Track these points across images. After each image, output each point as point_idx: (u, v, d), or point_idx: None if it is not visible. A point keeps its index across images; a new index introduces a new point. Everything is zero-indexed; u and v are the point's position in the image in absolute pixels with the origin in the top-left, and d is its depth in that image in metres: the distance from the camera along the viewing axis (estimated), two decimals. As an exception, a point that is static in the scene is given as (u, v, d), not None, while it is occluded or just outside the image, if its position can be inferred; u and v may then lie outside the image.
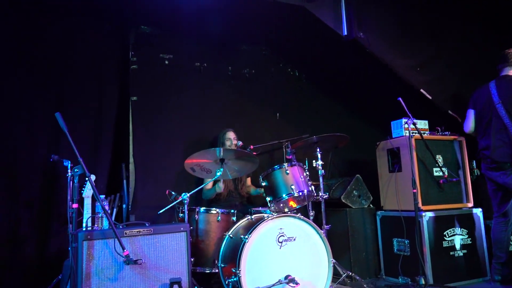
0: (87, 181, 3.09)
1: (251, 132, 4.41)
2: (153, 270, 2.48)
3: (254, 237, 2.72)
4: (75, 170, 2.19)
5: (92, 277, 2.28)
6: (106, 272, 2.33)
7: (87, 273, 2.27)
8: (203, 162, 3.12)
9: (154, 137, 3.98)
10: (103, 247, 2.35)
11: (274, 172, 3.06)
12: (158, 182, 3.92)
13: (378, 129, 4.56)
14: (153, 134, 3.98)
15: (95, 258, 2.31)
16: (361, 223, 3.97)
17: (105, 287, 2.31)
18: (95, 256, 2.31)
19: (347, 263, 3.86)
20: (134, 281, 2.40)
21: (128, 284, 2.38)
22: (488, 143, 3.44)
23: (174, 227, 2.65)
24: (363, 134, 4.77)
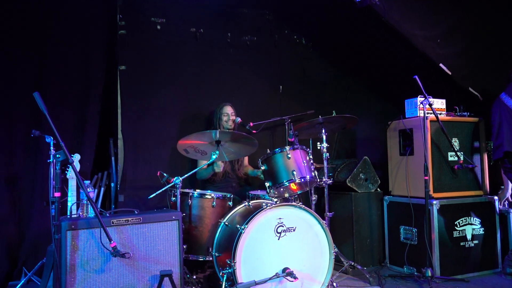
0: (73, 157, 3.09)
1: (251, 107, 4.35)
2: (142, 261, 2.51)
3: (251, 227, 2.73)
4: (57, 156, 2.16)
5: (77, 269, 2.30)
6: (91, 264, 2.35)
7: (72, 265, 2.29)
8: (197, 143, 3.09)
9: (144, 111, 3.92)
10: (89, 237, 2.36)
11: (274, 156, 3.03)
12: (149, 160, 3.91)
13: (390, 107, 4.50)
14: (144, 107, 3.92)
15: (80, 249, 2.33)
16: (367, 209, 3.99)
17: (91, 279, 2.33)
18: (80, 246, 2.33)
19: (350, 250, 3.91)
20: (122, 273, 2.43)
21: (116, 276, 2.41)
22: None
23: (165, 216, 2.65)
24: (373, 112, 4.72)
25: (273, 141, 4.45)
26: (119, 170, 3.86)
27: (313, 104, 4.57)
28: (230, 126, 3.90)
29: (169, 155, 3.98)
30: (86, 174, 3.74)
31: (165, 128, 4.00)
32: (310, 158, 3.14)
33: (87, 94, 3.78)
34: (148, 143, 3.93)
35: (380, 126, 4.23)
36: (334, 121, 3.49)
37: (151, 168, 3.87)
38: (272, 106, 4.45)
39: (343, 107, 4.80)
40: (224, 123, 3.90)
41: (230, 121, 3.88)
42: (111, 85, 3.92)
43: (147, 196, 3.20)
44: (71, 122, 3.74)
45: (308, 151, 3.15)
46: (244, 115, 4.05)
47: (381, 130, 4.16)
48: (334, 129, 3.70)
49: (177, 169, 3.96)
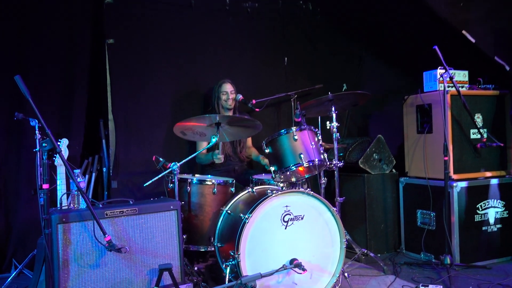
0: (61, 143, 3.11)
1: (253, 82, 4.34)
2: (139, 254, 2.56)
3: (256, 216, 2.76)
4: (44, 144, 2.18)
5: (70, 265, 2.36)
6: (86, 259, 2.40)
7: (64, 260, 2.35)
8: (196, 125, 3.10)
9: (136, 89, 3.92)
10: (81, 230, 2.41)
11: (280, 137, 3.03)
12: (143, 143, 3.94)
13: (406, 80, 4.47)
14: (135, 85, 3.92)
15: (73, 243, 2.37)
16: (381, 191, 4.03)
17: (85, 275, 2.40)
18: (73, 241, 2.38)
19: (363, 236, 3.98)
20: (118, 268, 2.49)
21: (112, 270, 2.47)
22: None
23: (162, 205, 2.69)
24: (388, 85, 4.69)
25: (278, 119, 4.45)
26: (111, 153, 3.90)
27: (321, 77, 4.55)
28: (230, 105, 3.90)
29: (165, 137, 4.00)
30: (75, 159, 3.77)
31: (159, 107, 4.01)
32: (318, 139, 3.14)
33: (73, 73, 3.77)
34: (141, 124, 3.94)
35: (395, 101, 4.22)
36: (344, 98, 3.48)
37: (146, 151, 3.90)
38: (276, 81, 4.43)
39: (355, 80, 4.79)
40: (224, 102, 3.90)
41: (230, 99, 3.88)
42: (99, 61, 3.91)
43: (142, 181, 3.24)
44: (57, 104, 3.74)
45: (316, 132, 3.15)
46: (246, 92, 4.04)
47: (397, 106, 4.15)
48: (345, 106, 3.68)
49: (174, 152, 4.00)
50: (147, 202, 2.74)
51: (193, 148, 3.94)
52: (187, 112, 4.02)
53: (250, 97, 3.98)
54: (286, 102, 4.36)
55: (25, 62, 3.64)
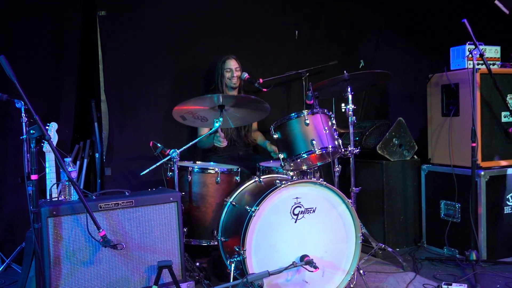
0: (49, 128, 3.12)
1: (260, 58, 4.31)
2: (137, 250, 2.60)
3: (263, 209, 2.78)
4: (31, 131, 2.19)
5: (62, 262, 2.39)
6: (78, 255, 2.44)
7: (56, 257, 2.38)
8: (196, 109, 3.10)
9: (131, 66, 3.92)
10: (74, 224, 2.44)
11: (289, 122, 3.03)
12: (139, 126, 3.95)
13: (431, 57, 4.42)
14: (130, 62, 3.91)
15: (64, 238, 2.41)
16: (401, 180, 4.03)
17: (78, 273, 2.43)
18: (64, 236, 2.41)
19: (380, 229, 4.00)
20: (114, 265, 2.53)
21: (107, 268, 2.51)
22: None
23: (161, 197, 2.71)
24: (410, 62, 4.64)
25: (288, 100, 4.44)
26: (104, 138, 3.92)
27: (336, 52, 4.51)
28: (235, 83, 3.89)
29: (163, 119, 4.01)
30: (65, 144, 3.79)
31: (157, 86, 4.01)
32: (332, 123, 3.14)
33: (62, 49, 3.76)
34: (137, 105, 3.95)
35: (418, 80, 4.18)
36: (362, 78, 3.45)
37: (142, 136, 3.91)
38: (286, 57, 4.40)
39: (373, 55, 4.74)
40: (228, 80, 3.88)
41: (235, 78, 3.87)
42: (90, 36, 3.89)
43: (138, 168, 3.26)
44: (44, 83, 3.75)
45: (330, 115, 3.14)
46: (252, 69, 4.02)
47: (420, 85, 4.11)
48: (362, 87, 3.66)
49: (173, 136, 4.02)
50: (144, 193, 2.76)
51: (194, 132, 3.94)
52: (187, 92, 4.01)
53: (257, 75, 3.96)
54: (296, 81, 4.33)
55: (11, 37, 3.63)
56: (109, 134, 3.87)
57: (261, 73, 4.04)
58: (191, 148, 3.81)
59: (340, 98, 3.52)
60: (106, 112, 3.88)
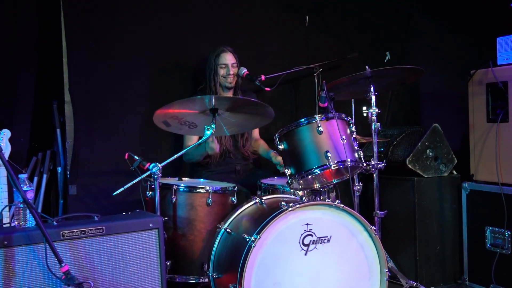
0: None
1: (262, 51, 4.32)
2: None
3: (266, 238, 2.76)
4: (-23, 142, 2.19)
5: (14, 304, 2.38)
6: (35, 295, 2.42)
7: (7, 298, 2.37)
8: (183, 113, 3.10)
9: (101, 60, 3.93)
10: (29, 257, 2.39)
11: (298, 129, 3.03)
12: (112, 133, 3.96)
13: (473, 49, 4.44)
14: (101, 53, 3.92)
15: (18, 274, 2.36)
16: (436, 201, 4.03)
17: (35, 317, 2.42)
18: (17, 271, 2.37)
19: (411, 262, 3.99)
20: (79, 307, 2.51)
21: (71, 311, 2.49)
22: None
23: (139, 223, 2.69)
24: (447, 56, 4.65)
25: (296, 102, 4.46)
26: (68, 148, 3.91)
27: (356, 43, 4.54)
28: (231, 82, 3.90)
29: (141, 125, 4.02)
30: (21, 155, 3.80)
31: (134, 84, 4.02)
32: (352, 131, 3.14)
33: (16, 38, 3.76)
34: (109, 108, 3.96)
35: (458, 77, 4.19)
36: (388, 74, 3.46)
37: (115, 145, 3.92)
38: (294, 49, 4.41)
39: (401, 48, 4.75)
40: (222, 78, 3.89)
41: (231, 75, 3.88)
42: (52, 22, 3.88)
43: (110, 186, 3.24)
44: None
45: (349, 121, 3.15)
46: (252, 64, 4.03)
47: (460, 84, 4.12)
48: (388, 86, 3.68)
49: (154, 146, 4.02)
50: (118, 218, 2.74)
51: (180, 140, 3.94)
52: (171, 92, 4.03)
53: (258, 71, 3.97)
54: (307, 78, 4.34)
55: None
56: (75, 143, 3.86)
57: (263, 69, 4.06)
58: (177, 161, 3.82)
59: (361, 100, 3.54)
60: (71, 116, 3.87)
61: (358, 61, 4.30)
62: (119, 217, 2.78)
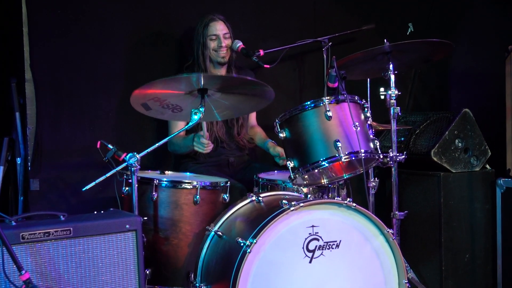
0: None
1: (260, 20, 4.33)
2: (76, 301, 2.60)
3: (263, 242, 2.76)
4: None
5: (-36, 318, 2.39)
6: (-10, 308, 2.43)
7: (-44, 311, 2.38)
8: (165, 93, 3.10)
9: (69, 29, 3.92)
10: (-17, 263, 2.42)
11: (303, 114, 3.04)
12: (82, 118, 3.96)
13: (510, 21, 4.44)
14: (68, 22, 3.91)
15: (-31, 283, 2.40)
16: (466, 200, 4.04)
17: (-11, 334, 2.43)
18: (-31, 280, 2.40)
19: (436, 271, 4.01)
20: (42, 323, 2.52)
21: (32, 327, 2.50)
22: None
23: (113, 224, 2.69)
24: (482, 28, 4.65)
25: (301, 81, 4.47)
26: (29, 135, 3.91)
27: (372, 12, 4.55)
28: (223, 57, 3.91)
29: (116, 108, 4.03)
30: (-28, 144, 3.80)
31: (107, 60, 4.03)
32: (366, 116, 3.15)
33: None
34: (78, 87, 3.96)
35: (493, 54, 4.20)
36: (410, 50, 3.47)
37: (86, 132, 3.93)
38: (298, 18, 4.43)
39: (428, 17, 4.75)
40: (213, 52, 3.90)
41: (223, 48, 3.88)
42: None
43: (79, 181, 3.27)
44: None
45: (363, 105, 3.16)
46: (249, 37, 4.04)
47: (496, 62, 4.14)
48: (410, 63, 3.68)
49: (131, 134, 4.05)
50: (88, 218, 2.75)
51: (164, 127, 3.96)
52: (151, 69, 4.05)
53: (256, 45, 3.98)
54: (314, 53, 4.37)
55: None
56: (37, 129, 3.87)
57: (262, 42, 4.08)
58: (159, 152, 3.84)
59: (378, 80, 3.53)
60: (33, 97, 3.87)
61: (375, 34, 4.32)
62: (89, 217, 2.77)
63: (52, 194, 3.87)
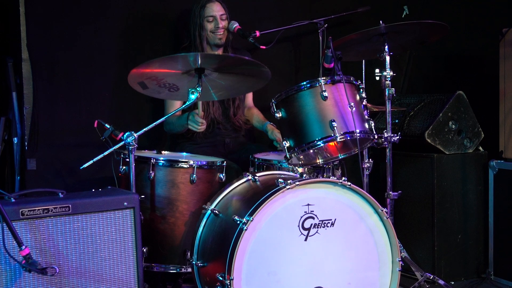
0: None
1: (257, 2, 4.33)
2: (74, 277, 2.60)
3: (259, 220, 2.78)
4: None
5: (-36, 294, 2.41)
6: (-10, 283, 2.45)
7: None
8: (163, 73, 3.11)
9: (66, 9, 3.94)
10: (-17, 239, 2.44)
11: (299, 94, 3.05)
12: (79, 97, 3.99)
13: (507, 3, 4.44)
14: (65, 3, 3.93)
15: (-30, 259, 2.42)
16: (459, 182, 4.06)
17: (-11, 310, 2.45)
18: (-30, 255, 2.42)
19: (428, 252, 4.04)
20: (40, 298, 2.55)
21: (31, 303, 2.53)
22: None
23: (111, 201, 2.71)
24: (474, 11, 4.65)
25: (297, 62, 4.49)
26: (26, 115, 3.92)
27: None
28: (220, 38, 3.92)
29: (112, 87, 4.06)
30: (-31, 123, 3.81)
31: (104, 40, 4.04)
32: (362, 97, 3.17)
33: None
34: (74, 66, 3.98)
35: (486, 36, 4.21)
36: (405, 31, 3.47)
37: (82, 112, 3.96)
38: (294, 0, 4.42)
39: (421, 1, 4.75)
40: (210, 34, 3.91)
41: (220, 29, 3.89)
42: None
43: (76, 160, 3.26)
44: None
45: (358, 85, 3.17)
46: (245, 17, 4.06)
47: (490, 44, 4.15)
48: (405, 44, 3.68)
49: (129, 114, 4.07)
50: (86, 195, 2.77)
51: (160, 106, 3.98)
52: (148, 48, 4.08)
53: (252, 26, 3.99)
54: (309, 35, 4.36)
55: None
56: (34, 109, 3.88)
57: (258, 23, 4.09)
58: (155, 133, 3.86)
59: (373, 62, 3.56)
60: (30, 76, 3.88)
61: (370, 16, 4.32)
62: (87, 194, 2.80)
63: (48, 174, 3.89)
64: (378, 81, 3.45)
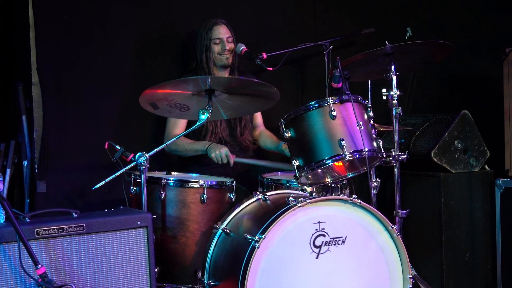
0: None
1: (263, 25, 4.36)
2: (89, 296, 2.64)
3: (271, 238, 2.81)
4: None
5: (-19, 312, 2.42)
6: (6, 302, 2.47)
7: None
8: (174, 93, 3.16)
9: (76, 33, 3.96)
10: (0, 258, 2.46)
11: (308, 114, 3.09)
12: (89, 120, 4.00)
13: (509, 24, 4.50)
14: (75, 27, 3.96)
15: (-13, 278, 2.43)
16: (466, 200, 4.09)
17: (6, 328, 2.46)
18: (-14, 274, 2.43)
19: (437, 270, 4.06)
20: (56, 317, 2.55)
21: (46, 321, 2.54)
22: None
23: (125, 220, 2.74)
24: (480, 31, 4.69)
25: (303, 83, 4.53)
26: (36, 138, 3.92)
27: (372, 17, 4.61)
28: (228, 59, 3.96)
29: (122, 110, 4.07)
30: (-20, 147, 3.82)
31: (113, 63, 4.06)
32: (369, 116, 3.20)
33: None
34: (84, 89, 4.00)
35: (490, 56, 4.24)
36: (411, 51, 3.50)
37: (92, 134, 3.97)
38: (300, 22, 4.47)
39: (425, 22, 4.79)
40: (217, 56, 3.95)
41: (227, 51, 3.93)
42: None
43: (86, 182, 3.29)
44: None
45: (366, 105, 3.21)
46: (252, 40, 4.08)
47: (494, 64, 4.18)
48: (411, 64, 3.72)
49: (138, 134, 4.10)
50: (100, 215, 2.79)
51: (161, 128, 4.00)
52: (156, 71, 4.10)
53: (258, 48, 4.03)
54: (315, 57, 4.40)
55: None
56: (44, 132, 3.88)
57: (265, 45, 4.13)
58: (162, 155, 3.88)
59: (379, 82, 3.58)
60: (40, 100, 3.89)
61: (374, 38, 4.36)
62: (101, 214, 2.82)
63: (59, 196, 3.89)
64: (384, 101, 3.46)
